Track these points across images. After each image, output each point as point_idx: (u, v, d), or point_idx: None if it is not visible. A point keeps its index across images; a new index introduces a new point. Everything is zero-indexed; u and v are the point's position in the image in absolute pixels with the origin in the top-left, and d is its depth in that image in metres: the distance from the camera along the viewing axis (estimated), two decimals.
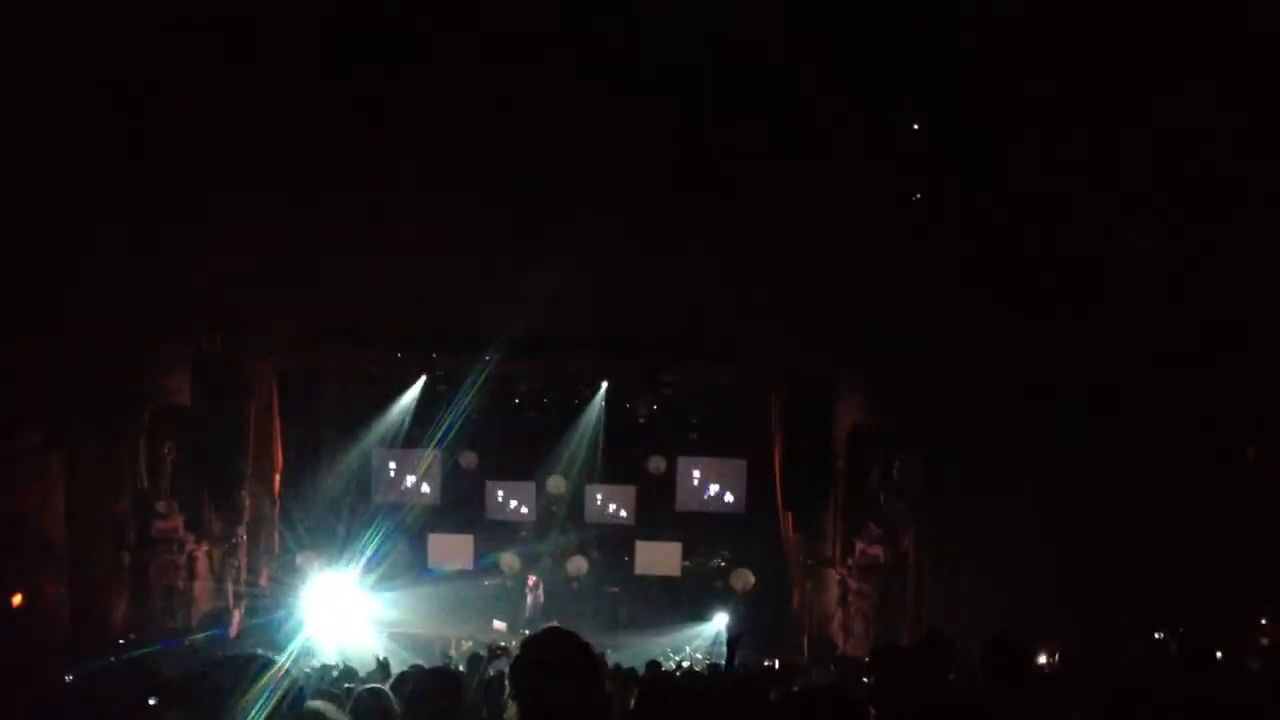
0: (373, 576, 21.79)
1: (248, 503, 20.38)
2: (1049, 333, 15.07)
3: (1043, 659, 14.71)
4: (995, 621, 15.20)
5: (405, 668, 9.17)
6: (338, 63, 12.65)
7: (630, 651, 17.67)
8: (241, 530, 20.42)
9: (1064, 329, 14.99)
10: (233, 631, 18.84)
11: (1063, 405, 15.75)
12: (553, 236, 15.27)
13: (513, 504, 23.14)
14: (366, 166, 14.41)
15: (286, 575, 21.30)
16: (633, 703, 6.63)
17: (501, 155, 14.28)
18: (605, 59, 12.73)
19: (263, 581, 20.99)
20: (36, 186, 14.04)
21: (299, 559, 21.55)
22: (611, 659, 16.00)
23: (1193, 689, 6.39)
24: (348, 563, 21.47)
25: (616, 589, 22.20)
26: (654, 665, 12.65)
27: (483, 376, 21.32)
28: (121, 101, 13.46)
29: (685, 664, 17.18)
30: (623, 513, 23.00)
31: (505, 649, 9.75)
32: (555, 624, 18.25)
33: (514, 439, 22.91)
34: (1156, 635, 11.51)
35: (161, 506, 18.70)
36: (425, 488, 23.10)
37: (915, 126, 13.52)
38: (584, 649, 3.56)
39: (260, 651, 3.63)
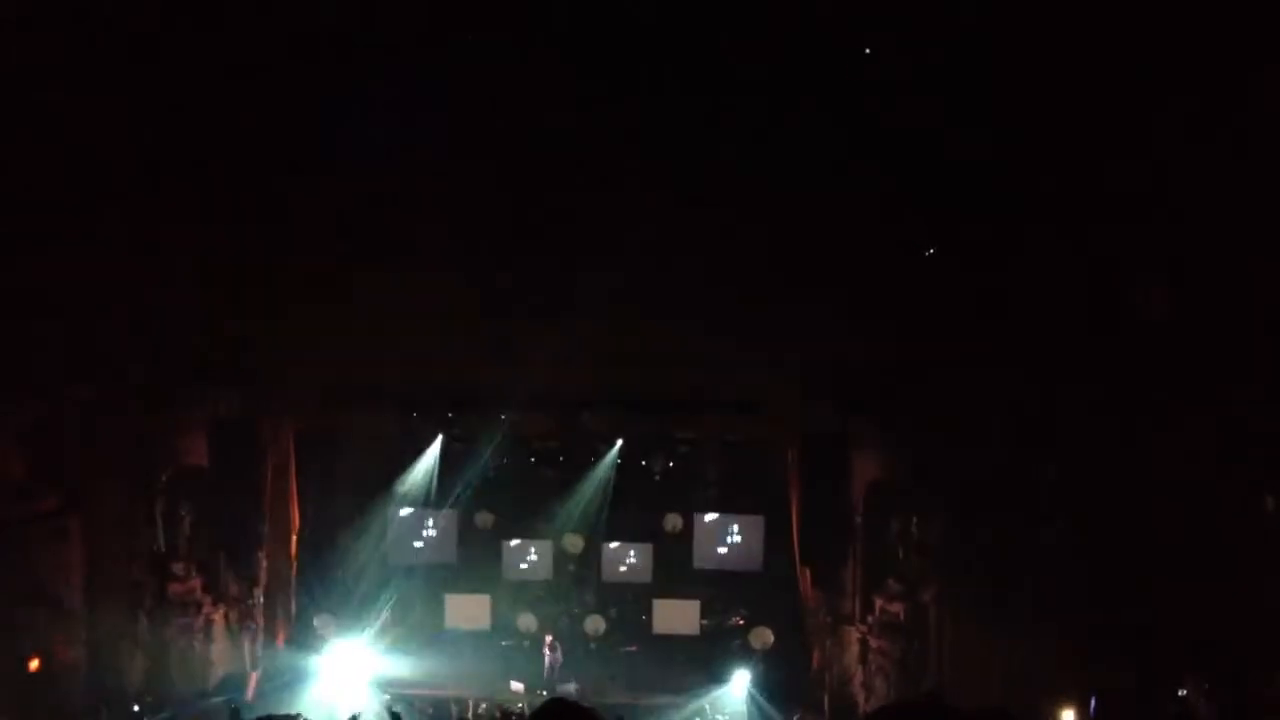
0: (389, 638, 21.69)
1: (265, 564, 20.34)
2: (1063, 387, 15.02)
3: (1068, 717, 14.54)
4: (1016, 677, 15.09)
5: None
6: (349, 134, 12.80)
7: (650, 714, 17.55)
8: (258, 592, 20.36)
9: (1076, 383, 14.93)
10: (249, 694, 18.76)
11: (1080, 459, 15.66)
12: (567, 297, 15.35)
13: (529, 563, 23.02)
14: (380, 231, 14.53)
15: (303, 637, 21.21)
16: None
17: (517, 219, 14.38)
18: (617, 122, 12.84)
19: (279, 643, 20.91)
20: (54, 252, 14.19)
21: (316, 621, 21.46)
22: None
23: None
24: (365, 624, 21.39)
25: (635, 648, 22.02)
26: None
27: (499, 436, 21.33)
28: (142, 173, 13.63)
29: None
30: (640, 571, 22.86)
31: (521, 714, 9.71)
32: (574, 687, 18.03)
33: (530, 498, 22.83)
34: (1180, 692, 11.35)
35: (178, 569, 18.68)
36: (442, 548, 23.00)
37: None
38: (589, 717, 3.51)
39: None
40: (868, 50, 12.03)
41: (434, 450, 22.25)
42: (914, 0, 11.73)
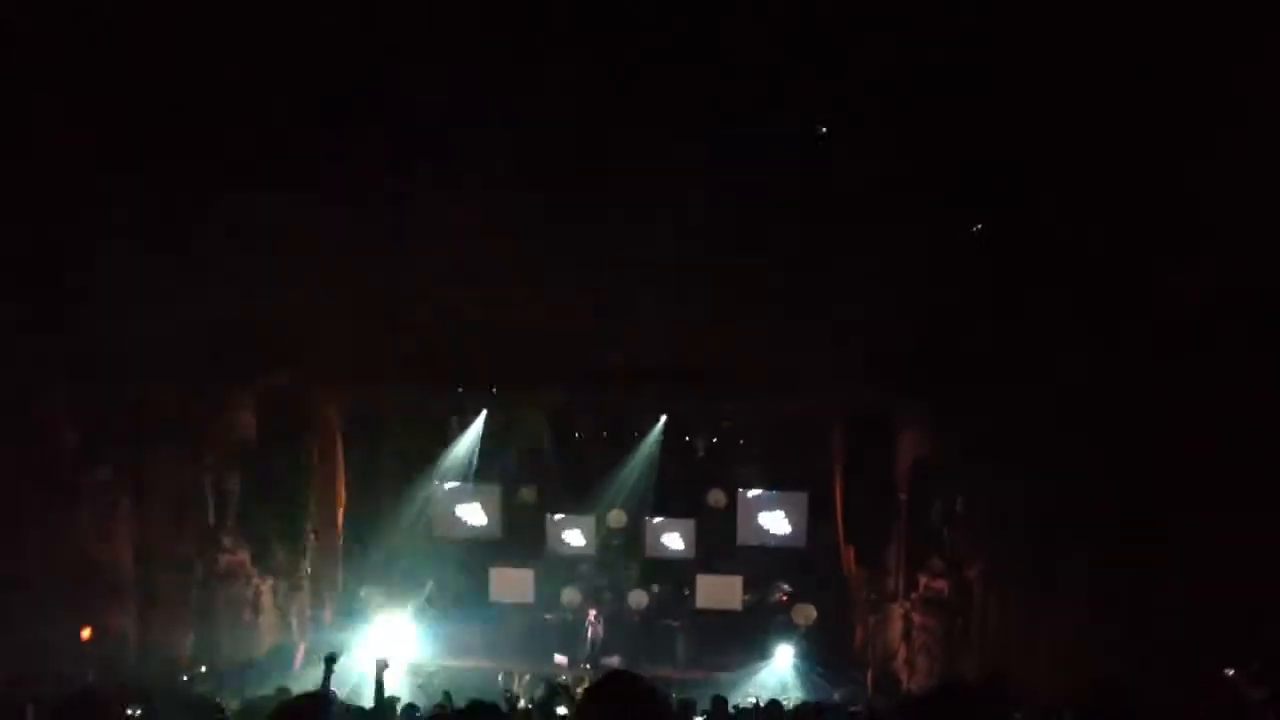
0: (434, 610, 21.90)
1: (312, 537, 20.58)
2: (1108, 364, 14.87)
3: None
4: (1061, 654, 15.01)
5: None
6: (399, 104, 12.78)
7: (694, 689, 17.61)
8: (305, 564, 20.63)
9: (1127, 359, 14.78)
10: (296, 665, 19.01)
11: (1129, 437, 15.51)
12: (612, 274, 15.34)
13: (573, 538, 23.15)
14: (429, 207, 14.55)
15: (350, 609, 21.46)
16: None
17: (563, 196, 14.35)
18: (658, 93, 12.77)
19: (326, 615, 21.17)
20: (103, 228, 14.33)
21: (362, 593, 21.71)
22: (673, 694, 15.96)
23: None
24: (410, 597, 21.60)
25: (677, 623, 22.11)
26: (719, 700, 12.51)
27: (543, 412, 21.43)
28: (183, 145, 13.69)
29: (753, 699, 16.98)
30: (683, 546, 22.93)
31: (567, 686, 9.81)
32: (617, 661, 18.12)
33: (574, 473, 22.95)
34: (1227, 671, 11.22)
35: (227, 541, 18.93)
36: (486, 522, 23.18)
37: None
38: (650, 691, 3.49)
39: (322, 692, 3.59)
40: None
41: (477, 425, 22.43)
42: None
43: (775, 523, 22.45)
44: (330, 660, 9.74)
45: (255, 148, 13.65)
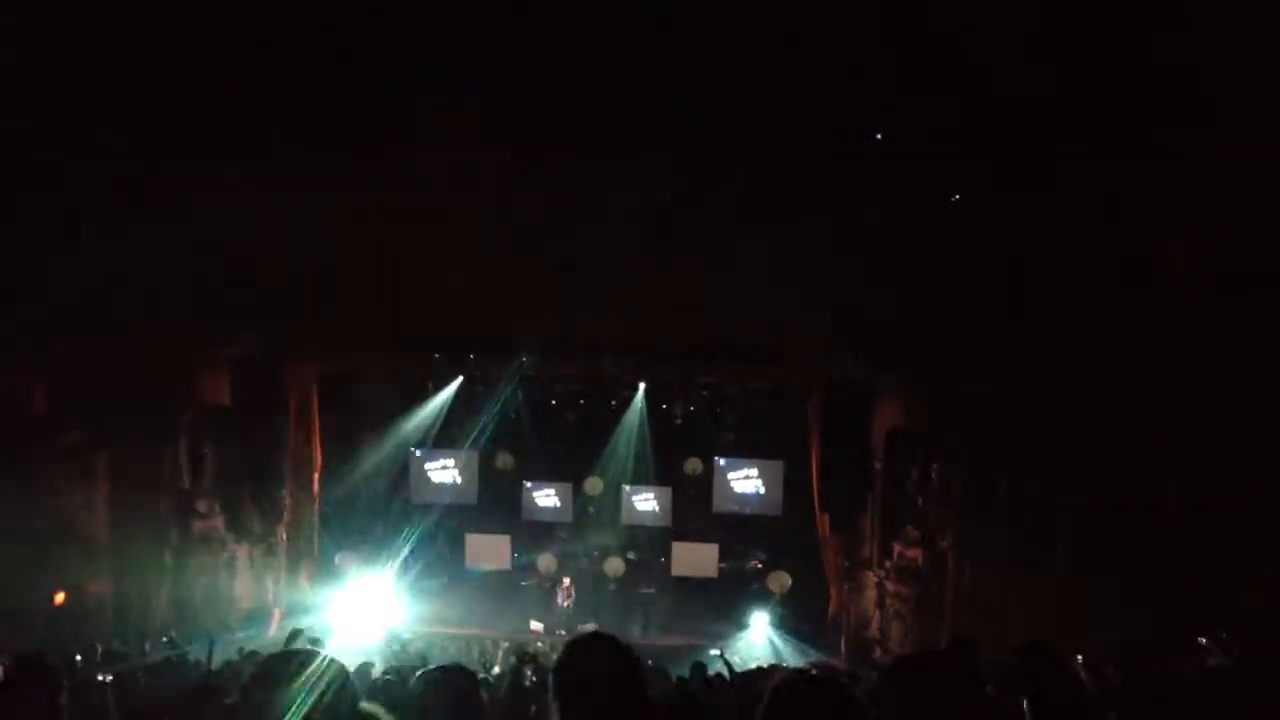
0: (410, 577, 21.91)
1: (287, 503, 20.52)
2: (1090, 336, 14.92)
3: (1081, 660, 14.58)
4: (1034, 626, 15.12)
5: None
6: (370, 71, 12.70)
7: (669, 656, 17.68)
8: (281, 530, 20.58)
9: (1105, 332, 14.83)
10: (272, 630, 19.01)
11: (1105, 408, 15.58)
12: (591, 241, 15.29)
13: (550, 505, 23.19)
14: (403, 171, 14.46)
15: (325, 574, 21.45)
16: None
17: (539, 161, 14.28)
18: (636, 70, 12.70)
19: (302, 580, 21.16)
20: (81, 190, 14.19)
21: (337, 559, 21.70)
22: (649, 661, 16.01)
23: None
24: (385, 563, 21.61)
25: (653, 590, 22.19)
26: (698, 666, 12.50)
27: (520, 378, 21.40)
28: (170, 110, 13.56)
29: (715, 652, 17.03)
30: (659, 514, 23.00)
31: (535, 655, 9.83)
32: (592, 628, 18.22)
33: (551, 440, 22.97)
34: (1201, 640, 11.33)
35: (202, 506, 18.86)
36: (462, 488, 23.18)
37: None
38: (627, 652, 3.53)
39: (308, 646, 3.55)
40: None
41: (452, 391, 22.38)
42: None
43: (751, 490, 22.54)
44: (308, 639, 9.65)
45: (234, 118, 13.56)
